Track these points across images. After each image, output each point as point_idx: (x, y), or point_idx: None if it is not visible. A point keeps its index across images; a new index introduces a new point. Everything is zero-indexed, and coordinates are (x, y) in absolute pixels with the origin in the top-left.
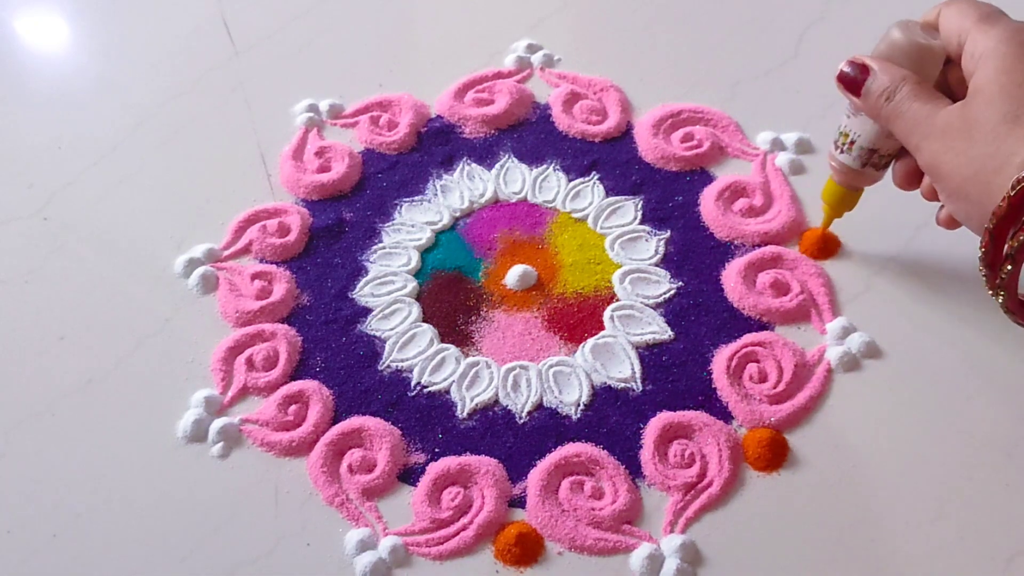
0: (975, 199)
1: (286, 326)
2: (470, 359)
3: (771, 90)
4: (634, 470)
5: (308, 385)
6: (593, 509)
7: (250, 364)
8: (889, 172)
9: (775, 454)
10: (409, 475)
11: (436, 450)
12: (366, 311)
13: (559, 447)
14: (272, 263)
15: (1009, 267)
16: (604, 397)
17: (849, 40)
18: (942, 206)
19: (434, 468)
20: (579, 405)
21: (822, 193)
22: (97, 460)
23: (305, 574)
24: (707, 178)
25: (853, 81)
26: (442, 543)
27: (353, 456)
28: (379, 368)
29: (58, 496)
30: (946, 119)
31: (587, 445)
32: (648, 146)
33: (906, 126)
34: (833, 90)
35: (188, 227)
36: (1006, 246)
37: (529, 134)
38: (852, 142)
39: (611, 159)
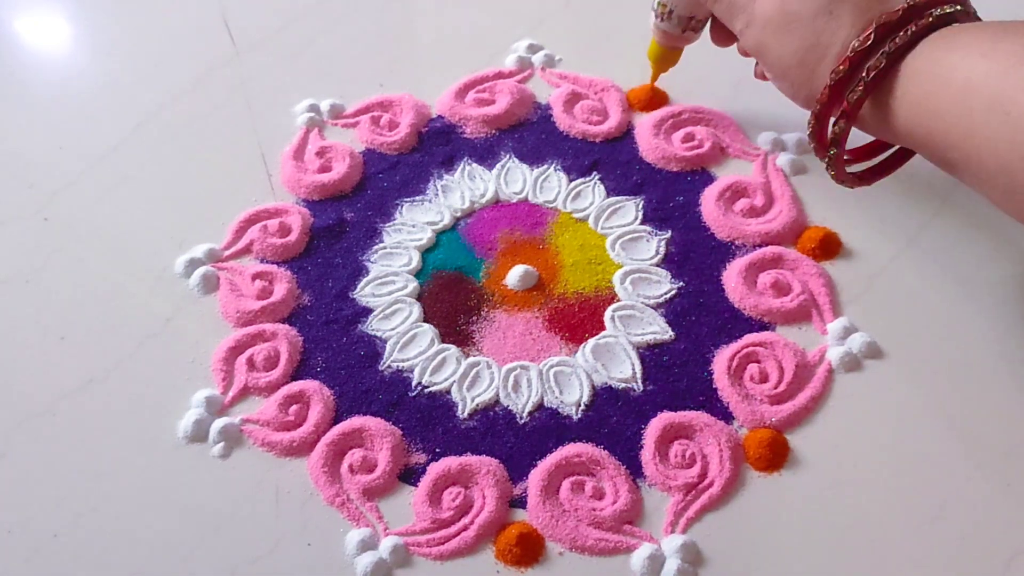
0: (800, 84)
1: (287, 326)
2: (471, 359)
3: (772, 90)
4: (635, 470)
5: (309, 385)
6: (594, 509)
7: (251, 364)
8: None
9: (776, 454)
10: (410, 475)
11: (437, 450)
12: (367, 311)
13: (560, 447)
14: (273, 263)
15: (833, 150)
16: (605, 397)
17: None
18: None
19: (435, 468)
20: (580, 405)
21: (647, 52)
22: (98, 460)
23: (306, 574)
24: (708, 178)
25: None
26: (443, 543)
27: (354, 456)
28: (380, 368)
29: (59, 496)
30: (766, 10)
31: (588, 445)
32: (649, 146)
33: (727, 10)
34: None
35: (189, 227)
36: (830, 130)
37: (530, 134)
38: (671, 11)
39: (612, 159)
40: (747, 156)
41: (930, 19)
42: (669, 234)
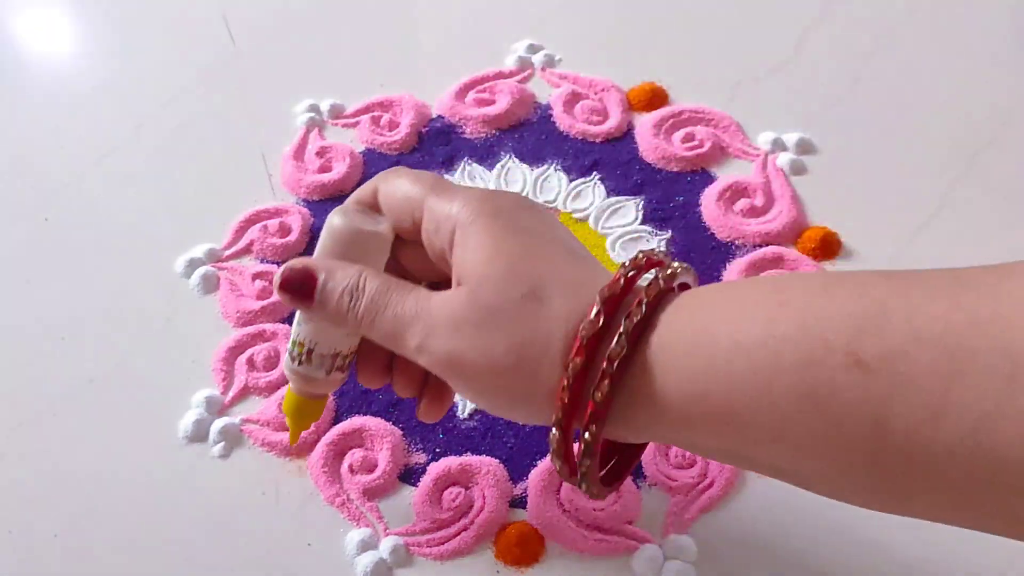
0: (521, 392)
1: (287, 326)
2: None
3: (772, 90)
4: (635, 471)
5: None
6: (594, 509)
7: (251, 364)
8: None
9: None
10: (410, 475)
11: (437, 450)
12: None
13: None
14: (273, 263)
15: (588, 462)
16: None
17: (849, 40)
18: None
19: (435, 468)
20: None
21: (283, 406)
22: (98, 460)
23: (306, 574)
24: (708, 178)
25: (300, 288)
26: (443, 543)
27: (354, 456)
28: None
29: (59, 496)
30: (451, 311)
31: None
32: (649, 146)
33: (393, 327)
34: (835, 90)
35: (189, 227)
36: (582, 442)
37: (530, 134)
38: (310, 351)
39: (612, 159)
40: (747, 156)
41: (660, 284)
42: (669, 234)
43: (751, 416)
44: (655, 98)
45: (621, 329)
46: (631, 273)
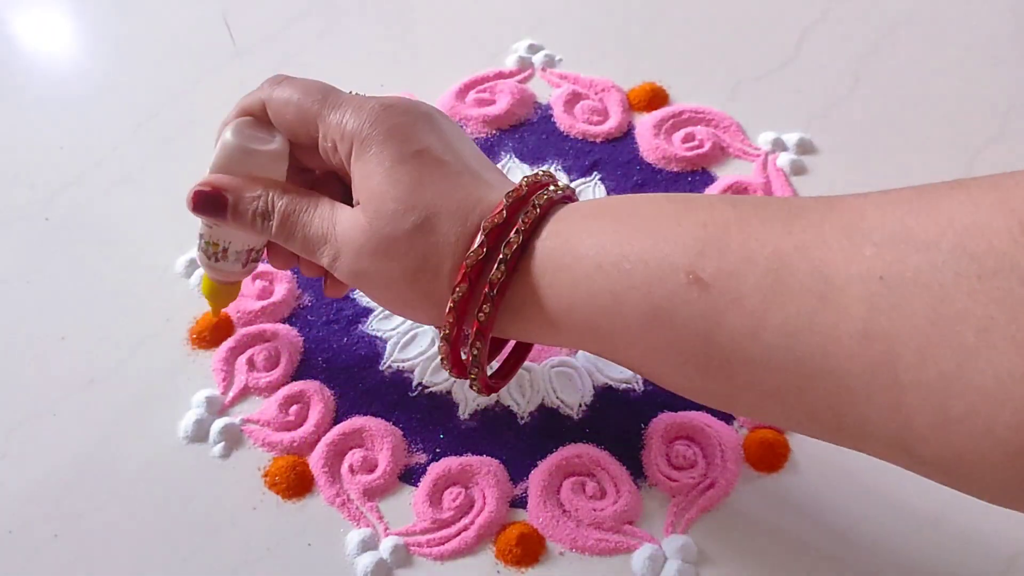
0: (419, 306)
1: (287, 326)
2: None
3: (772, 90)
4: (635, 471)
5: (309, 385)
6: (595, 509)
7: (251, 364)
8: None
9: (776, 455)
10: (410, 475)
11: (437, 450)
12: (367, 311)
13: (560, 448)
14: None
15: (475, 371)
16: (606, 398)
17: (849, 40)
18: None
19: (435, 468)
20: (581, 406)
21: (202, 289)
22: (98, 460)
23: (306, 574)
24: (708, 178)
25: (212, 206)
26: (443, 543)
27: (354, 456)
28: (380, 368)
29: (59, 496)
30: (354, 237)
31: (588, 446)
32: (649, 146)
33: (303, 246)
34: (835, 91)
35: (189, 227)
36: (469, 355)
37: (530, 134)
38: (225, 249)
39: (612, 159)
40: (747, 156)
41: (537, 211)
42: None
43: (609, 327)
44: (655, 98)
45: (501, 256)
46: (512, 203)
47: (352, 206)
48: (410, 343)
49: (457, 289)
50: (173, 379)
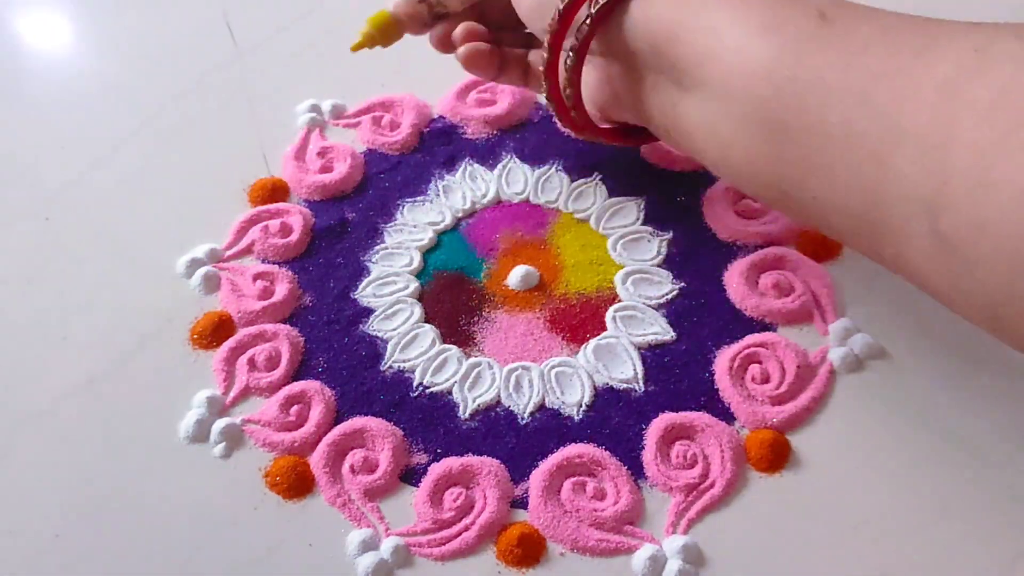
0: (533, 7)
1: (288, 326)
2: (472, 360)
3: None
4: (636, 471)
5: (310, 385)
6: (595, 510)
7: (252, 364)
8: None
9: (777, 455)
10: (411, 476)
11: (438, 451)
12: (368, 311)
13: (561, 448)
14: (274, 263)
15: (569, 91)
16: (606, 398)
17: None
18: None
19: (436, 469)
20: (581, 406)
21: (369, 18)
22: (99, 460)
23: (307, 575)
24: (710, 179)
25: None
26: (444, 544)
27: (355, 457)
28: (381, 369)
29: (60, 496)
30: None
31: (589, 446)
32: (650, 147)
33: None
34: None
35: (190, 227)
36: (562, 67)
37: (531, 134)
38: None
39: (613, 160)
40: None
41: None
42: (670, 235)
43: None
44: None
45: None
46: None
47: None
48: (411, 343)
49: None
50: (174, 379)
